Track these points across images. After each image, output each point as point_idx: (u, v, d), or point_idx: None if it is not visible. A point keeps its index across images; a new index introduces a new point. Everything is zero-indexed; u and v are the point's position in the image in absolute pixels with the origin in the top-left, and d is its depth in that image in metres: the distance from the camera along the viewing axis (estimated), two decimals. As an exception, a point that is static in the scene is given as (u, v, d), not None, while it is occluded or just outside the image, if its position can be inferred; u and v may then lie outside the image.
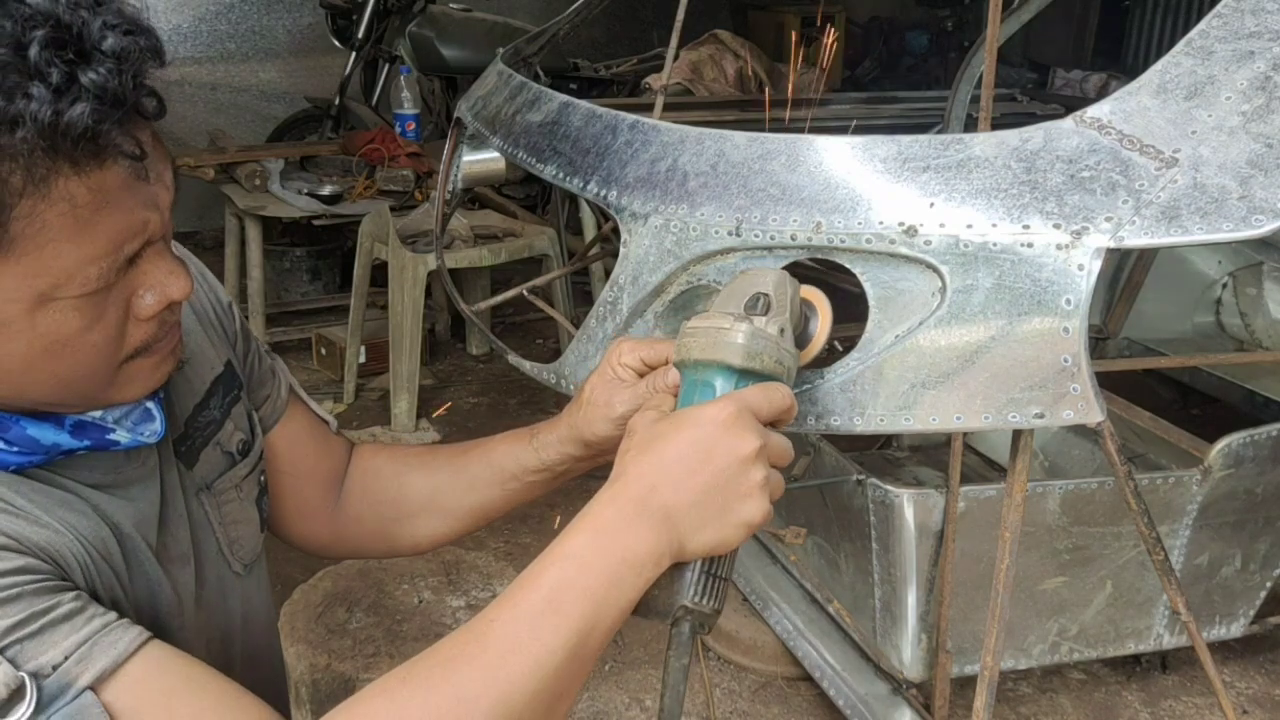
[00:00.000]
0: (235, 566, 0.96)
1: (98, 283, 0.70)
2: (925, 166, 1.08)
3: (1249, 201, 1.00)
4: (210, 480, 0.93)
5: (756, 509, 0.77)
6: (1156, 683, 2.42)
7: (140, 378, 0.79)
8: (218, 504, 0.94)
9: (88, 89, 0.64)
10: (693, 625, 0.80)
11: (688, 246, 1.17)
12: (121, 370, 0.77)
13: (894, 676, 2.07)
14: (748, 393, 0.81)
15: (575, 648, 0.71)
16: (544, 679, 0.70)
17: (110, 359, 0.75)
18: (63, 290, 0.69)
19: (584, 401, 0.97)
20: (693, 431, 0.77)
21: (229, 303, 1.03)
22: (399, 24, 4.96)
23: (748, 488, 0.77)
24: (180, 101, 5.41)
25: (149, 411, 0.82)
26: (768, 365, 0.84)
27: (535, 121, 1.58)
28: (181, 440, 0.91)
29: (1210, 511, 2.05)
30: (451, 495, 1.07)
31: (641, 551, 0.73)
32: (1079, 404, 1.02)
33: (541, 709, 0.70)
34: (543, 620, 0.71)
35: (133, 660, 0.69)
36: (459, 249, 3.38)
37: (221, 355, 0.98)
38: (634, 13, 6.05)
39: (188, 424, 0.92)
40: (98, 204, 0.67)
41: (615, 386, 0.94)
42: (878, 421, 1.05)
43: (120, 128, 0.67)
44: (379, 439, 3.45)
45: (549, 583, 0.72)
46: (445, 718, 0.67)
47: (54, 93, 0.63)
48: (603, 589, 0.72)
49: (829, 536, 2.19)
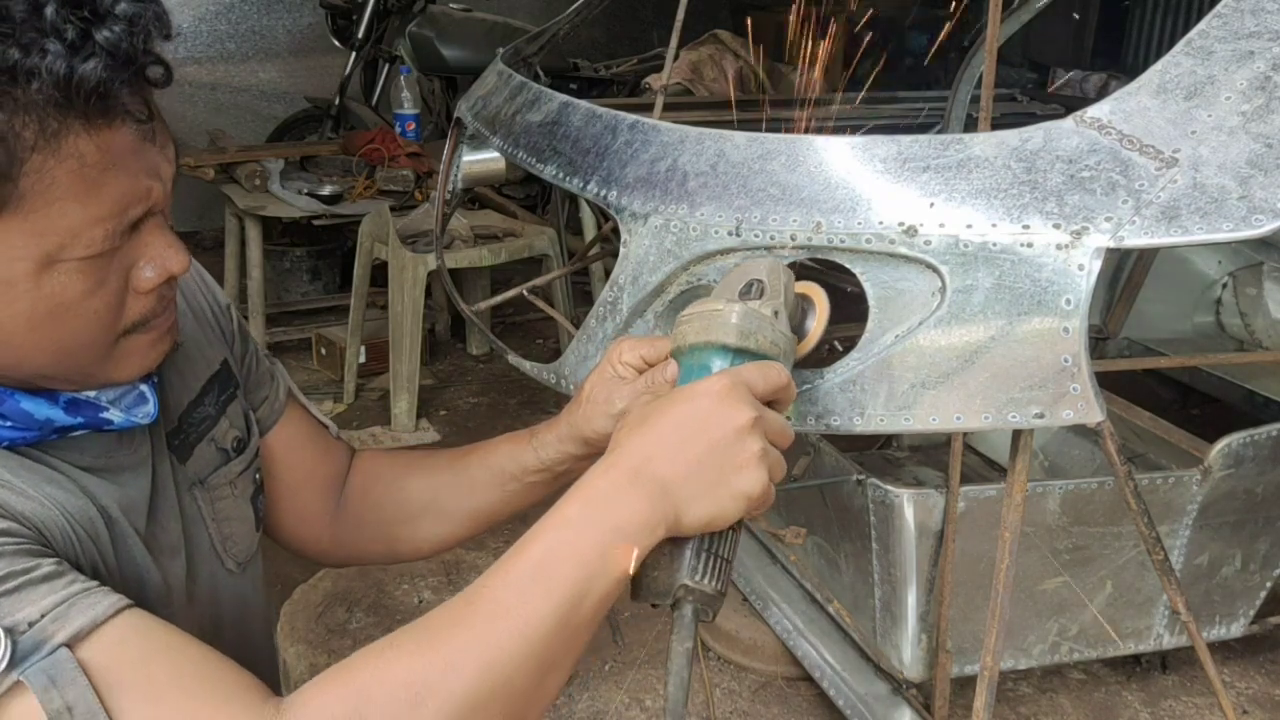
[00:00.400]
0: (228, 564, 0.96)
1: (102, 244, 0.71)
2: (925, 166, 1.08)
3: (1249, 201, 1.00)
4: (203, 476, 0.93)
5: (754, 480, 0.76)
6: (1156, 683, 2.42)
7: (136, 355, 0.79)
8: (211, 500, 0.94)
9: (102, 46, 0.66)
10: (695, 607, 0.78)
11: (688, 246, 1.17)
12: (119, 345, 0.78)
13: (894, 676, 2.07)
14: (743, 369, 0.80)
15: (565, 615, 0.70)
16: (532, 645, 0.69)
17: (109, 329, 0.76)
18: (68, 251, 0.70)
19: (584, 399, 0.97)
20: (687, 405, 0.77)
21: (227, 304, 1.03)
22: (399, 24, 4.96)
23: (744, 458, 0.75)
24: (180, 101, 5.41)
25: (143, 394, 0.83)
26: (762, 345, 0.83)
27: (535, 121, 1.58)
28: (175, 434, 0.91)
29: (1210, 511, 2.05)
30: (451, 498, 1.07)
31: (635, 520, 0.72)
32: (1079, 404, 1.02)
33: (530, 676, 0.69)
34: (532, 586, 0.70)
35: (111, 622, 0.68)
36: (459, 249, 3.38)
37: (218, 354, 0.98)
38: (634, 13, 6.05)
39: (181, 419, 0.92)
40: (105, 164, 0.69)
41: (615, 384, 0.94)
42: (878, 421, 1.05)
43: (129, 89, 0.68)
44: (379, 439, 3.45)
45: (539, 550, 0.72)
46: (431, 681, 0.67)
47: (69, 49, 0.65)
48: (594, 557, 0.71)
49: (829, 536, 2.19)
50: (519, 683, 0.69)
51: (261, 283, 3.76)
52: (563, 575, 0.70)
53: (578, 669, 2.37)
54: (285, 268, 4.37)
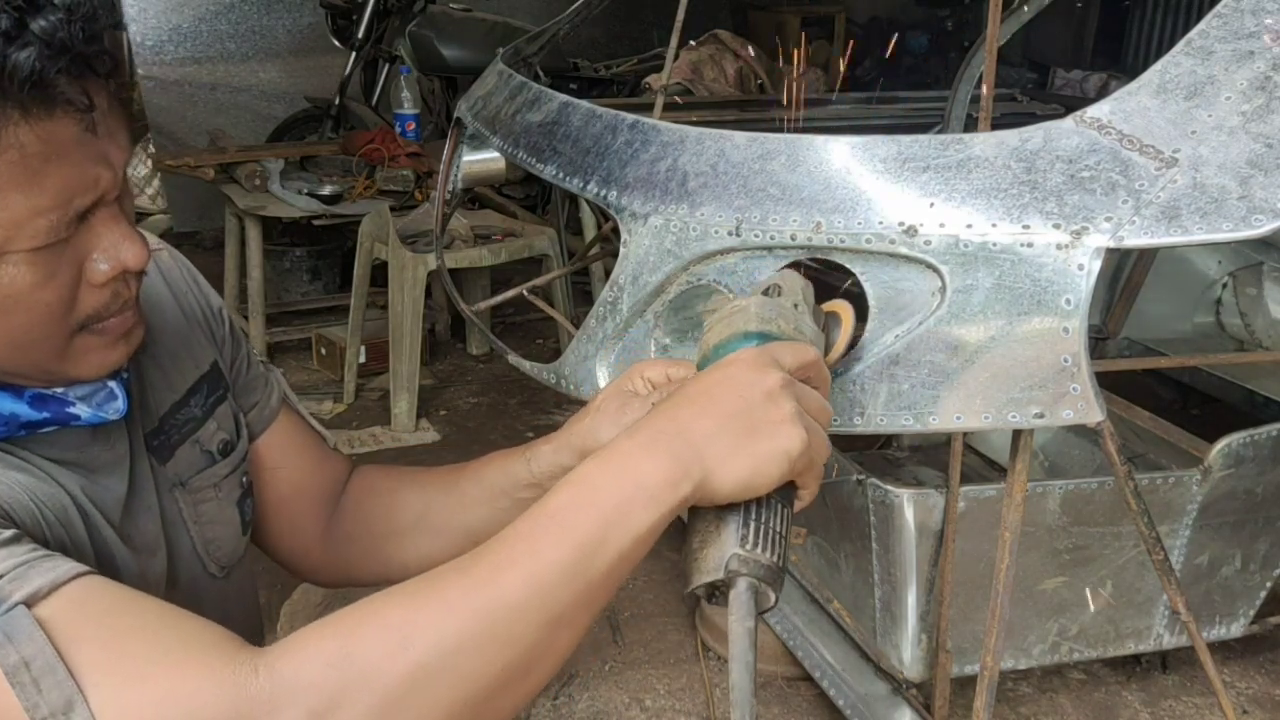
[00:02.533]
0: (211, 568, 0.95)
1: (48, 236, 0.70)
2: (925, 166, 1.08)
3: (1249, 201, 1.00)
4: (186, 477, 0.92)
5: (791, 436, 0.71)
6: (1156, 683, 2.42)
7: (93, 355, 0.78)
8: (193, 502, 0.93)
9: (37, 35, 0.65)
10: (751, 583, 0.71)
11: (688, 246, 1.17)
12: (74, 342, 0.76)
13: (894, 676, 2.07)
14: (771, 345, 0.77)
15: (575, 564, 0.66)
16: (537, 592, 0.66)
17: (61, 321, 0.75)
18: (14, 243, 0.69)
19: (593, 410, 0.94)
20: (715, 373, 0.74)
21: (220, 307, 1.02)
22: (399, 24, 4.96)
23: (778, 415, 0.71)
24: (180, 101, 5.41)
25: (112, 391, 0.82)
26: (785, 330, 0.80)
27: (535, 121, 1.58)
28: (155, 434, 0.90)
29: (1210, 511, 2.04)
30: (442, 513, 1.04)
31: (657, 475, 0.68)
32: (1079, 404, 1.02)
33: (537, 628, 0.66)
34: (544, 535, 0.67)
35: (71, 584, 0.66)
36: (459, 249, 3.38)
37: (208, 356, 0.97)
38: (634, 13, 6.05)
39: (163, 419, 0.91)
40: (47, 154, 0.68)
41: (629, 398, 0.93)
42: (878, 421, 1.05)
43: (69, 78, 0.67)
44: (379, 439, 3.45)
45: (554, 504, 0.69)
46: (421, 622, 0.64)
47: (2, 37, 0.64)
48: (611, 508, 0.68)
49: (829, 536, 2.19)
50: (521, 632, 0.66)
51: (261, 283, 3.76)
52: (576, 524, 0.67)
53: (576, 668, 2.37)
54: (285, 268, 4.37)
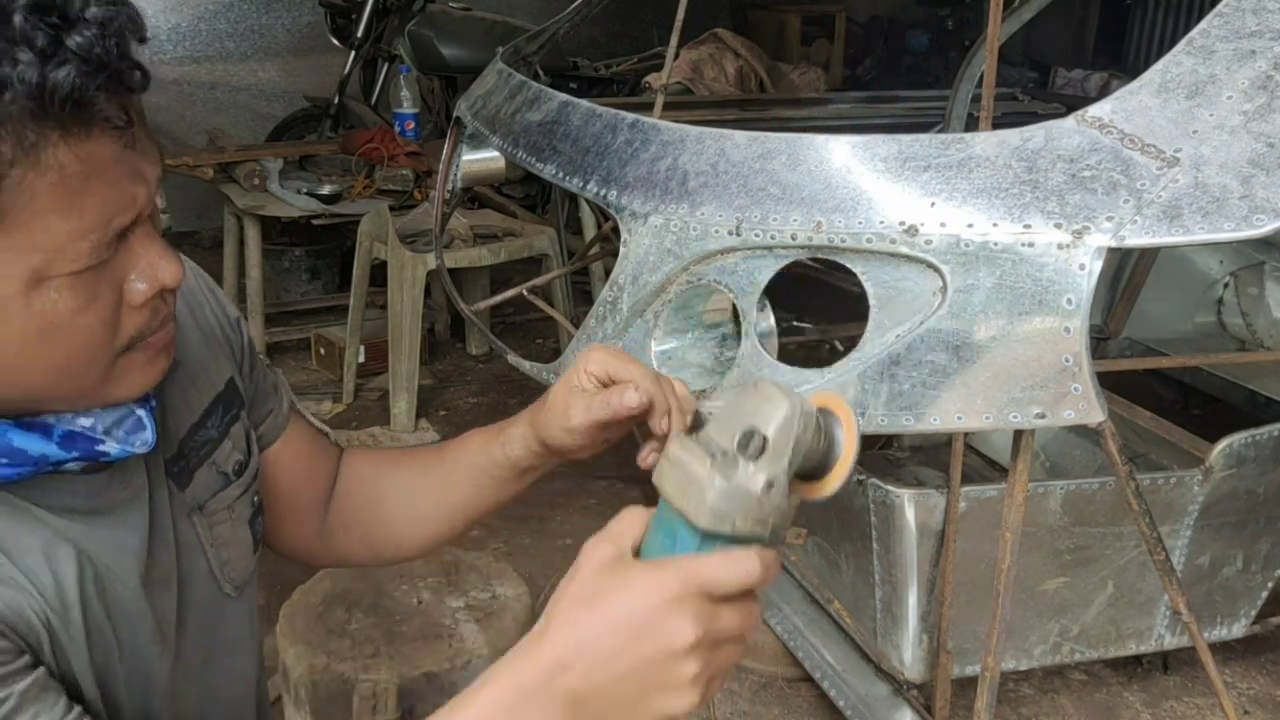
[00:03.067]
0: (226, 588, 0.95)
1: (89, 258, 0.69)
2: (926, 166, 1.08)
3: (1250, 201, 1.00)
4: (203, 500, 0.92)
5: (679, 703, 0.69)
6: (1158, 683, 2.41)
7: (136, 374, 0.78)
8: (209, 525, 0.92)
9: (74, 52, 0.64)
10: None
11: (688, 246, 1.16)
12: (118, 363, 0.76)
13: (895, 677, 2.07)
14: (706, 563, 0.69)
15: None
16: None
17: (105, 345, 0.74)
18: (55, 267, 0.68)
19: (547, 404, 0.94)
20: (627, 607, 0.68)
21: (237, 318, 1.01)
22: (398, 23, 4.96)
23: (674, 681, 0.68)
24: (179, 101, 5.40)
25: (140, 420, 0.81)
26: (742, 528, 0.70)
27: (535, 120, 1.58)
28: (175, 459, 0.89)
29: (1211, 512, 2.04)
30: (426, 496, 1.05)
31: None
32: (1080, 404, 1.02)
33: None
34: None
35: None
36: (459, 249, 3.38)
37: (224, 373, 0.97)
38: (634, 12, 6.05)
39: (182, 444, 0.90)
40: (87, 174, 0.67)
41: (575, 394, 0.91)
42: (879, 421, 1.05)
43: (106, 95, 0.67)
44: (378, 439, 3.44)
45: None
46: None
47: (40, 56, 0.63)
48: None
49: (829, 536, 2.19)
50: None
51: (260, 282, 3.76)
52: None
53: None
54: (284, 267, 4.37)
